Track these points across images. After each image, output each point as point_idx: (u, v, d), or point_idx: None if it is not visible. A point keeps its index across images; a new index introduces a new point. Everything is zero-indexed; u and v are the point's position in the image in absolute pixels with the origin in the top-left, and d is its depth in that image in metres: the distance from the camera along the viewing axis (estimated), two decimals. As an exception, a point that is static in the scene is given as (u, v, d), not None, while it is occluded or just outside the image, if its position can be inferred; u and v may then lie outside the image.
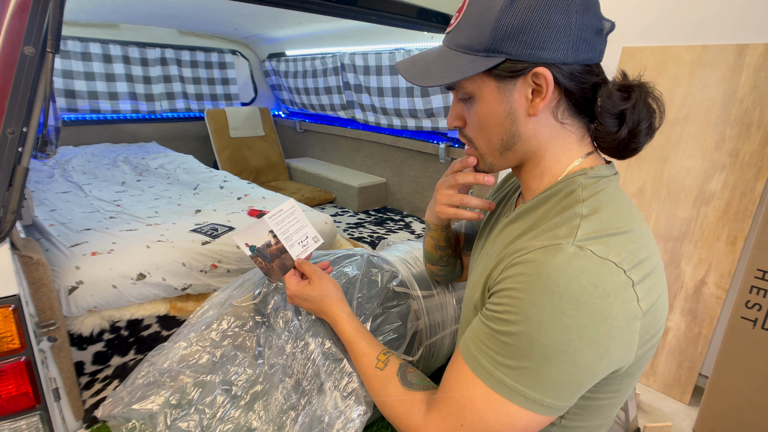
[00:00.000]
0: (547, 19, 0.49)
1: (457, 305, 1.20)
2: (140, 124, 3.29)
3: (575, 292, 0.45)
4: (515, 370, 0.48)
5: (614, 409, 0.59)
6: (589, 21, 0.51)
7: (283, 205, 0.92)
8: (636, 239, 0.50)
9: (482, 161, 0.62)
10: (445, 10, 1.64)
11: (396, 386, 0.65)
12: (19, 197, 0.85)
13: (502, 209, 0.74)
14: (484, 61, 0.52)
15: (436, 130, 2.43)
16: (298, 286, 0.82)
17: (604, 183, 0.55)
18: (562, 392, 0.48)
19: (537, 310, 0.46)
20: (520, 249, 0.52)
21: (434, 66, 0.55)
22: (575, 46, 0.51)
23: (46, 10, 0.79)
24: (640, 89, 0.53)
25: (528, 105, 0.54)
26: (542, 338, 0.46)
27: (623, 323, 0.46)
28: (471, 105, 0.57)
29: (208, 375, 0.88)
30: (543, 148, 0.57)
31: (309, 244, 0.93)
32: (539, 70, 0.51)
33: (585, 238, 0.48)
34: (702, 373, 1.64)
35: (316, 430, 0.77)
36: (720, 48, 1.44)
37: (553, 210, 0.55)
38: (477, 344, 0.52)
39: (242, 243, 0.85)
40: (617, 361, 0.48)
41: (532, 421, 0.49)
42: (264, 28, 2.95)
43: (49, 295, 1.04)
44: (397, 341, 0.99)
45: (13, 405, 0.90)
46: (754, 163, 1.41)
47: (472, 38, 0.52)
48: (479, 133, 0.59)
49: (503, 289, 0.51)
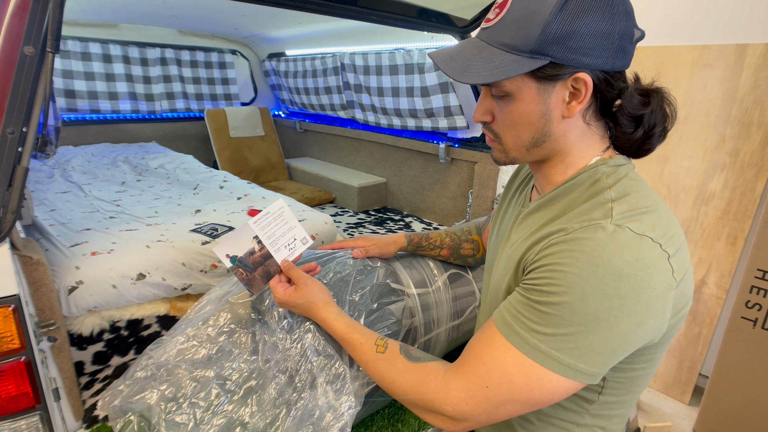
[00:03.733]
0: (594, 27, 0.51)
1: (453, 303, 1.21)
2: (140, 124, 3.29)
3: (618, 265, 0.48)
4: (552, 337, 0.50)
5: (647, 380, 0.61)
6: (628, 29, 0.53)
7: (270, 207, 0.89)
8: (664, 216, 0.54)
9: (505, 155, 0.62)
10: (445, 10, 1.64)
11: (403, 362, 0.66)
12: (19, 197, 0.85)
13: (516, 202, 0.75)
14: (528, 62, 0.52)
15: (436, 130, 2.43)
16: (285, 294, 0.83)
17: (624, 170, 0.58)
18: (596, 358, 0.50)
19: (581, 281, 0.49)
20: (557, 231, 0.54)
21: (475, 63, 0.55)
22: (615, 53, 0.53)
23: (45, 10, 0.79)
24: (657, 95, 0.57)
25: (564, 107, 0.55)
26: (584, 307, 0.49)
27: (660, 293, 0.49)
28: (505, 103, 0.57)
29: (204, 370, 0.89)
30: (569, 146, 0.59)
31: (297, 246, 0.90)
32: (581, 76, 0.53)
33: (621, 217, 0.51)
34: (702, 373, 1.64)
35: (308, 423, 0.78)
36: (720, 48, 1.44)
37: (581, 197, 0.57)
38: (513, 314, 0.55)
39: (222, 255, 0.83)
40: (652, 330, 0.51)
41: (560, 385, 0.51)
42: (264, 28, 2.95)
43: (49, 295, 1.03)
44: (392, 337, 0.99)
45: (13, 405, 0.90)
46: (755, 163, 1.41)
47: (517, 38, 0.52)
48: (509, 130, 0.59)
49: (544, 264, 0.53)
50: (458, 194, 2.42)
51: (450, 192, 2.47)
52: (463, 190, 2.38)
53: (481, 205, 2.15)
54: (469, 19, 1.74)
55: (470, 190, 2.29)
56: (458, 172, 2.39)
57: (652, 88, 0.57)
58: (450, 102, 2.22)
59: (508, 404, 0.54)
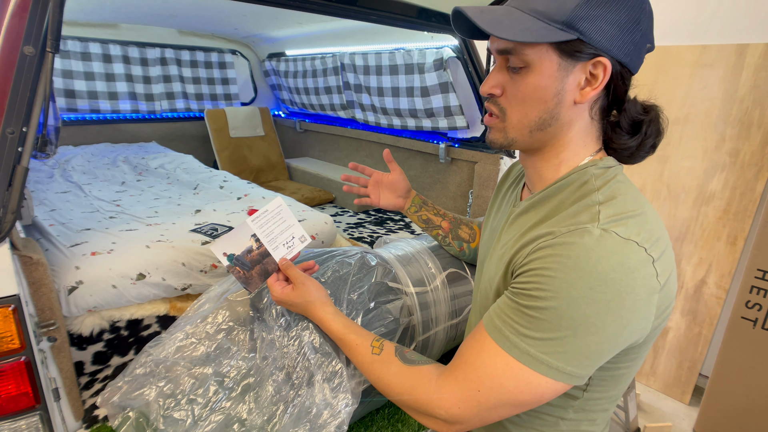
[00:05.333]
0: (625, 17, 0.51)
1: (451, 302, 1.21)
2: (140, 124, 3.29)
3: (604, 270, 0.49)
4: (541, 341, 0.51)
5: (631, 377, 0.62)
6: (648, 33, 0.54)
7: (269, 205, 0.89)
8: (649, 220, 0.54)
9: (504, 135, 0.61)
10: (445, 10, 1.64)
11: (398, 365, 0.67)
12: (19, 197, 0.85)
13: (507, 201, 0.75)
14: (557, 32, 0.52)
15: (436, 130, 2.43)
16: (282, 292, 0.83)
17: (612, 172, 0.59)
18: (584, 361, 0.51)
19: (568, 286, 0.49)
20: (544, 234, 0.55)
21: (506, 21, 0.54)
22: (636, 51, 0.54)
23: (45, 10, 0.79)
24: (654, 111, 0.59)
25: (578, 92, 0.55)
26: (571, 312, 0.49)
27: (644, 296, 0.50)
28: (521, 75, 0.56)
29: (202, 367, 0.89)
30: (569, 138, 0.59)
31: (295, 244, 0.90)
32: (603, 60, 0.53)
33: (607, 221, 0.52)
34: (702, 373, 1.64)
35: (305, 421, 0.79)
36: (720, 48, 1.44)
37: (569, 199, 0.58)
38: (502, 318, 0.55)
39: (220, 253, 0.83)
40: (637, 331, 0.52)
41: (549, 388, 0.53)
42: (264, 28, 2.95)
43: (49, 295, 1.03)
44: (388, 336, 1.00)
45: (12, 405, 0.90)
46: (755, 162, 1.41)
47: (551, 7, 0.52)
48: (518, 105, 0.58)
49: (532, 269, 0.53)
50: (458, 194, 2.42)
51: (450, 192, 2.47)
52: (463, 190, 2.38)
53: (481, 205, 2.15)
54: (469, 19, 1.74)
55: (470, 190, 2.29)
56: (458, 172, 2.39)
57: (650, 103, 0.59)
58: (450, 102, 2.22)
59: (500, 407, 0.55)
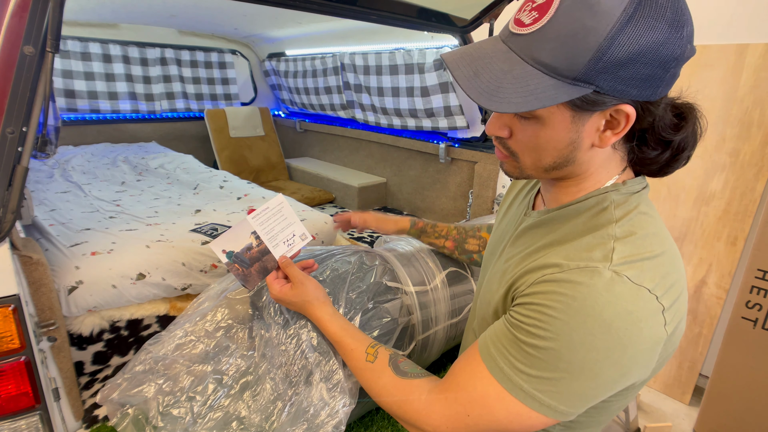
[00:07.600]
0: (652, 56, 0.43)
1: (451, 301, 1.21)
2: (140, 124, 3.29)
3: (609, 317, 0.46)
4: (536, 379, 0.50)
5: (622, 408, 0.61)
6: (688, 49, 0.45)
7: (270, 202, 0.89)
8: (667, 262, 0.50)
9: (519, 172, 0.57)
10: (446, 10, 1.64)
11: (390, 376, 0.66)
12: (19, 197, 0.85)
13: (519, 204, 0.71)
14: (568, 89, 0.44)
15: (436, 130, 2.43)
16: (280, 291, 0.83)
17: (635, 199, 0.54)
18: (577, 402, 0.50)
19: (569, 330, 0.47)
20: (552, 265, 0.51)
21: (506, 84, 0.46)
22: (667, 83, 0.46)
23: (45, 10, 0.78)
24: (692, 114, 0.52)
25: (596, 137, 0.50)
26: (570, 356, 0.47)
27: (648, 347, 0.48)
28: (530, 124, 0.50)
29: (201, 364, 0.89)
30: (590, 172, 0.55)
31: (295, 242, 0.90)
32: (625, 108, 0.46)
33: (620, 262, 0.48)
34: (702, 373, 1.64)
35: (302, 420, 0.79)
36: (720, 48, 1.44)
37: (585, 226, 0.53)
38: (498, 348, 0.53)
39: (219, 250, 0.83)
40: (634, 377, 0.50)
41: (539, 422, 0.51)
42: (264, 28, 2.95)
43: (49, 295, 1.03)
44: (387, 335, 1.00)
45: (12, 405, 0.90)
46: (755, 162, 1.41)
47: (560, 60, 0.44)
48: (530, 152, 0.53)
49: (533, 302, 0.50)
50: (458, 194, 2.42)
51: (450, 192, 2.47)
52: (463, 190, 2.38)
53: (481, 205, 2.15)
54: (469, 19, 1.74)
55: (470, 190, 2.29)
56: (458, 172, 2.39)
57: (686, 104, 0.51)
58: (450, 102, 2.22)
59: None
